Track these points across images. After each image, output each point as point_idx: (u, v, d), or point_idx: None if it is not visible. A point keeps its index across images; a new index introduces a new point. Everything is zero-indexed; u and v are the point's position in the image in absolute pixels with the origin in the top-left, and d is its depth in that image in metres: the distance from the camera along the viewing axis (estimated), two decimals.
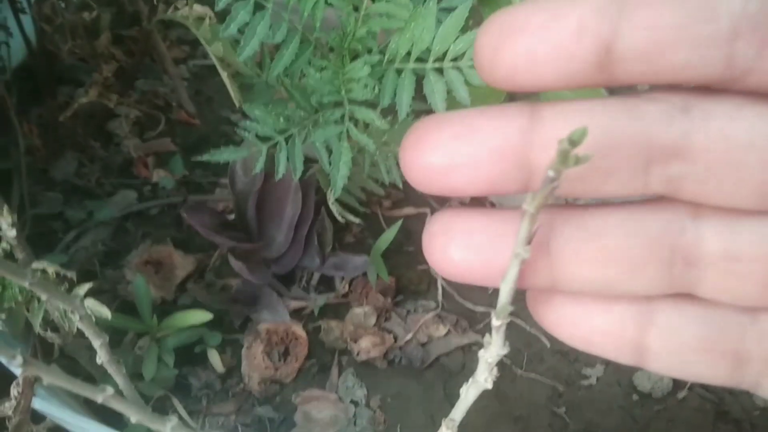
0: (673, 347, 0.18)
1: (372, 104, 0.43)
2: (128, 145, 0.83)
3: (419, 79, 0.43)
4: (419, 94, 0.43)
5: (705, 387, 0.68)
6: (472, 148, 0.17)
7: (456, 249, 0.18)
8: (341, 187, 0.42)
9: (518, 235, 0.17)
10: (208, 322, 0.63)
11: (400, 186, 0.54)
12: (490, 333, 0.21)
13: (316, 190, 0.68)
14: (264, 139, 0.44)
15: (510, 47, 0.16)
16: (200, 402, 0.65)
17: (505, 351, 0.21)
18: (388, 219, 0.78)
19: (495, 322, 0.20)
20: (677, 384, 0.67)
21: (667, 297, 0.18)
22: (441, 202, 0.78)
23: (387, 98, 0.42)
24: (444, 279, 0.73)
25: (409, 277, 0.74)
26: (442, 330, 0.70)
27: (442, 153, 0.17)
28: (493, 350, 0.21)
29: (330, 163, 0.43)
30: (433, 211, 0.79)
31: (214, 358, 0.66)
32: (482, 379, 0.23)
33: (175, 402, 0.63)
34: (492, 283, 0.18)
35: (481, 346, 0.70)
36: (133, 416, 0.34)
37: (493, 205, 0.72)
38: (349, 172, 0.41)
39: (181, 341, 0.64)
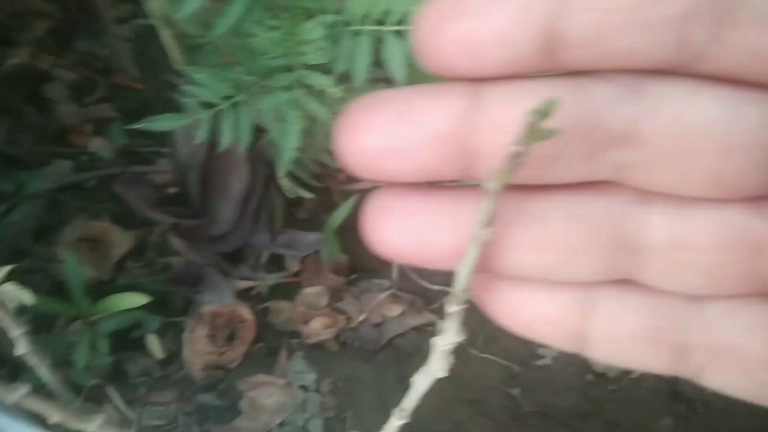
0: (614, 335, 0.17)
1: (326, 70, 0.40)
2: (64, 111, 0.78)
3: (378, 44, 0.40)
4: (378, 60, 0.40)
5: None
6: (410, 131, 0.16)
7: (392, 230, 0.17)
8: (292, 160, 0.38)
9: (479, 215, 0.16)
10: (147, 304, 0.59)
11: None
12: (446, 316, 0.20)
13: (266, 162, 0.64)
14: (207, 105, 0.41)
15: (448, 32, 0.15)
16: (138, 390, 0.62)
17: (460, 338, 0.20)
18: (342, 194, 0.74)
19: (450, 308, 0.19)
20: None
21: (610, 284, 0.17)
22: None
23: (342, 63, 0.39)
24: None
25: (363, 255, 0.71)
26: (396, 310, 0.68)
27: (377, 137, 0.16)
28: (447, 337, 0.20)
29: (280, 134, 0.40)
30: None
31: (153, 343, 0.63)
32: (435, 367, 0.21)
33: (111, 391, 0.60)
34: (431, 265, 0.18)
35: (436, 326, 0.69)
36: (54, 415, 0.30)
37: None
38: (299, 143, 0.38)
39: (117, 325, 0.60)
